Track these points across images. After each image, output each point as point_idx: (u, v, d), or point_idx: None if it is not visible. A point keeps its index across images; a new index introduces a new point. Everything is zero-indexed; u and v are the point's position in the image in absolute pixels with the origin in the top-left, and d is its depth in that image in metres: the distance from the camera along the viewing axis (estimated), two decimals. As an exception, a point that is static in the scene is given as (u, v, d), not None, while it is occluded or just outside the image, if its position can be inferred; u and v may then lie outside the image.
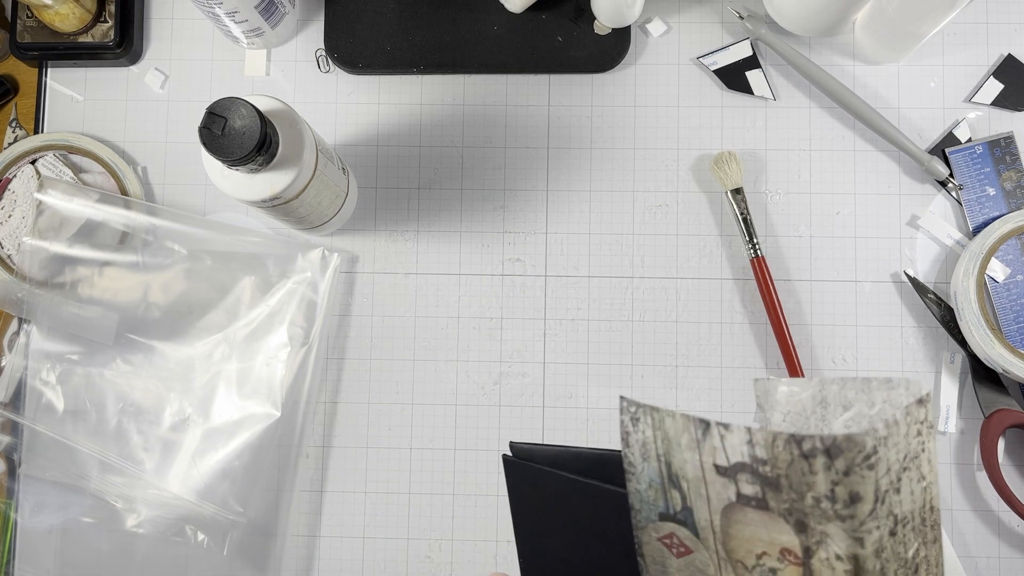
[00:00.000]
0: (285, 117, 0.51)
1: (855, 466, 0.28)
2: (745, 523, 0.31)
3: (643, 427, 0.33)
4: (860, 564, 0.29)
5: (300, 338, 0.61)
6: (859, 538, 0.29)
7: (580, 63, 0.63)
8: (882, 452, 0.28)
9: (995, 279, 0.60)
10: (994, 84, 0.63)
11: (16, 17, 0.64)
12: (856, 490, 0.28)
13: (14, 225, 0.63)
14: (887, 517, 0.29)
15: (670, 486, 0.33)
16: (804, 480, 0.29)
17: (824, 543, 0.29)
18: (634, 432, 0.33)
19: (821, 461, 0.28)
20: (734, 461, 0.31)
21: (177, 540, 0.60)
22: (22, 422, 0.61)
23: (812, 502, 0.29)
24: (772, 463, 0.29)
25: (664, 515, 0.33)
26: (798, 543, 0.30)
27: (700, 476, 0.32)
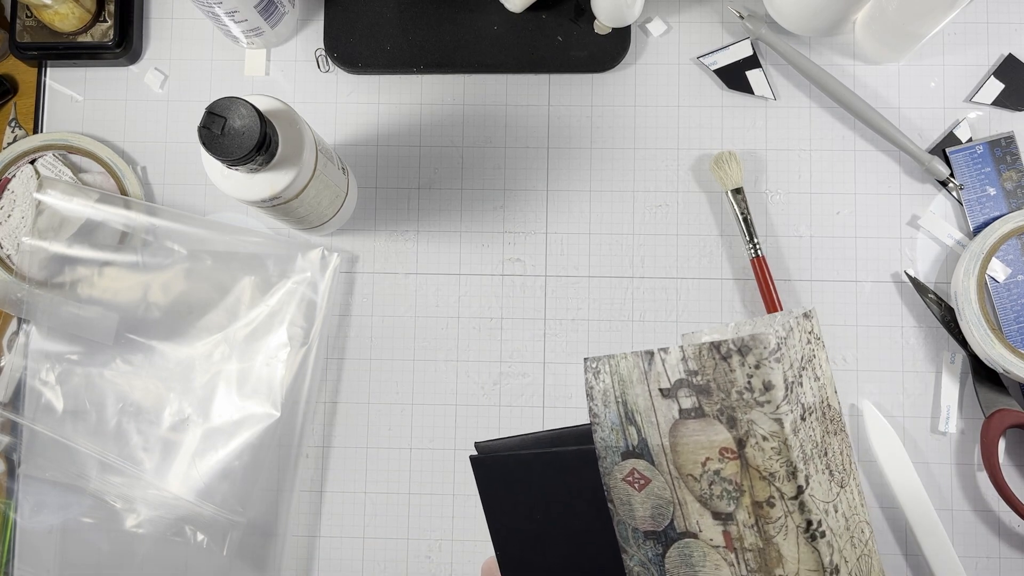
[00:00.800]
0: (285, 117, 0.51)
1: (763, 360, 0.33)
2: (688, 435, 0.36)
3: (603, 376, 0.38)
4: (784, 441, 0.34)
5: (300, 338, 0.61)
6: (778, 419, 0.34)
7: (580, 63, 0.63)
8: (784, 350, 0.34)
9: (996, 279, 0.60)
10: (994, 84, 0.63)
11: (16, 17, 0.64)
12: (768, 379, 0.34)
13: (13, 225, 0.63)
14: (796, 404, 0.35)
15: (627, 423, 0.37)
16: (727, 379, 0.34)
17: (751, 430, 0.34)
18: (596, 384, 0.38)
19: (736, 359, 0.34)
20: (674, 380, 0.36)
21: (177, 540, 0.60)
22: (22, 422, 0.61)
23: (736, 396, 0.34)
24: (701, 372, 0.35)
25: (625, 453, 0.37)
26: (731, 438, 0.35)
27: (650, 405, 0.36)
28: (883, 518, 0.60)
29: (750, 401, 0.34)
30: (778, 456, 0.34)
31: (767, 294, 0.61)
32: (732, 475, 0.35)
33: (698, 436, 0.35)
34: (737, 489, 0.35)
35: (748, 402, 0.34)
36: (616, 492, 0.38)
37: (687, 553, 0.37)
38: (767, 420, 0.34)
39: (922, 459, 0.61)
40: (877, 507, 0.60)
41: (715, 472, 0.35)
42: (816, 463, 0.35)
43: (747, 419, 0.34)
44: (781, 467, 0.34)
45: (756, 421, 0.34)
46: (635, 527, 0.38)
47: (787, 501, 0.34)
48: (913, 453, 0.60)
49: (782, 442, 0.34)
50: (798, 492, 0.34)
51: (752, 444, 0.35)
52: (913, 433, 0.61)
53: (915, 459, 0.60)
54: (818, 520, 0.35)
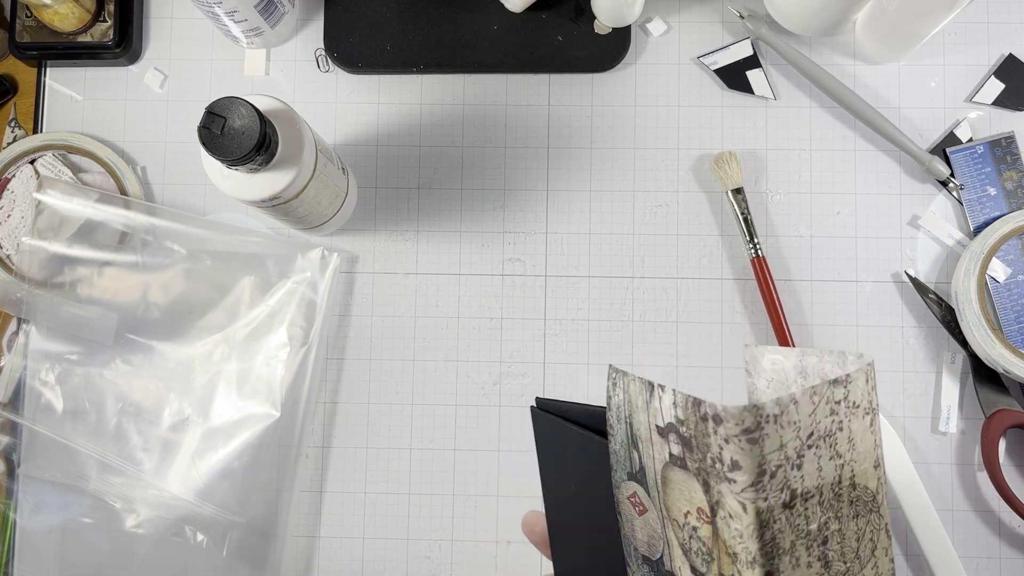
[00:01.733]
0: (285, 117, 0.51)
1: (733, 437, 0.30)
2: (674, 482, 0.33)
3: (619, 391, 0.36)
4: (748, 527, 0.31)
5: (300, 338, 0.61)
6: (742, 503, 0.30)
7: (580, 63, 0.63)
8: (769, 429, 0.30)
9: (996, 279, 0.60)
10: (995, 84, 0.63)
11: (15, 17, 0.64)
12: (736, 459, 0.30)
13: (13, 225, 0.63)
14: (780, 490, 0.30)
15: (632, 447, 0.36)
16: (705, 441, 0.31)
17: (721, 502, 0.31)
18: (613, 396, 0.36)
19: (711, 425, 0.30)
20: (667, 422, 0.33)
21: (176, 540, 0.60)
22: (21, 422, 0.61)
23: (710, 462, 0.31)
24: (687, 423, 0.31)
25: (630, 475, 0.36)
26: (707, 502, 0.32)
27: (649, 438, 0.34)
28: (883, 518, 0.60)
29: (720, 473, 0.31)
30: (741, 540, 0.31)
31: (767, 294, 0.61)
32: (706, 538, 0.33)
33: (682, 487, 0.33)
34: (708, 554, 0.33)
35: (719, 472, 0.31)
36: (623, 507, 0.37)
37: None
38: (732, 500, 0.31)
39: (922, 459, 0.61)
40: (877, 507, 0.60)
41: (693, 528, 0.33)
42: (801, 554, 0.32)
43: (717, 490, 0.31)
44: (742, 552, 0.31)
45: (724, 495, 0.31)
46: (635, 547, 0.37)
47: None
48: (913, 453, 0.60)
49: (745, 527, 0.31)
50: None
51: (721, 516, 0.32)
52: (913, 433, 0.61)
53: (915, 459, 0.60)
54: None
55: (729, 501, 0.31)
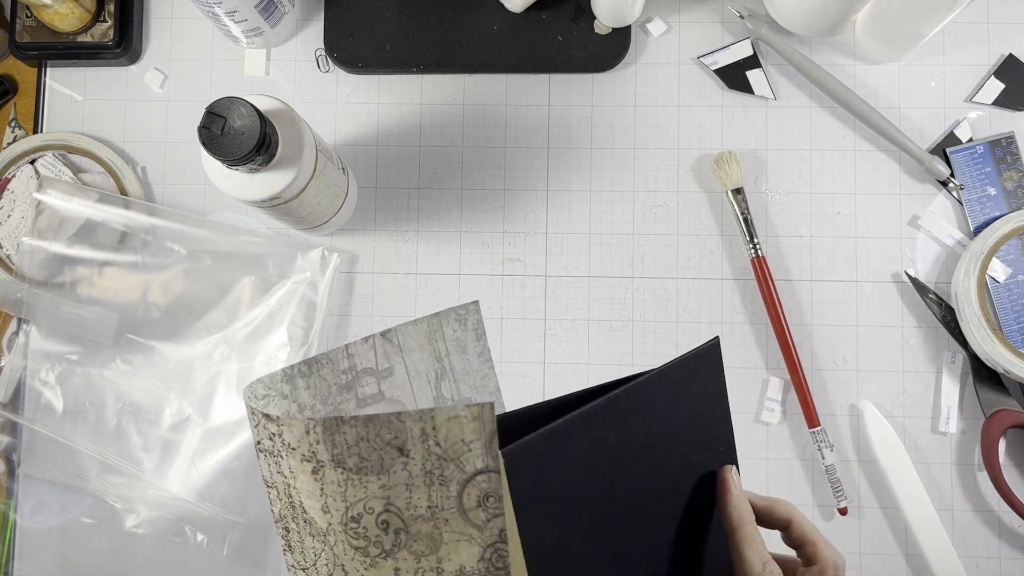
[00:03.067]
0: (285, 117, 0.51)
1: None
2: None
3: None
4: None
5: (300, 338, 0.61)
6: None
7: (580, 63, 0.63)
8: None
9: (996, 279, 0.60)
10: (995, 84, 0.63)
11: (15, 17, 0.64)
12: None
13: (13, 225, 0.63)
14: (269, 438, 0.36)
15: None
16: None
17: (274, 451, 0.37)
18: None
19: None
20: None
21: (176, 540, 0.60)
22: (22, 422, 0.61)
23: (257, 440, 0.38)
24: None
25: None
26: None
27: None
28: (883, 518, 0.60)
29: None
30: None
31: (767, 294, 0.61)
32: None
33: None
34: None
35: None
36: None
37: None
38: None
39: (922, 459, 0.61)
40: (877, 507, 0.60)
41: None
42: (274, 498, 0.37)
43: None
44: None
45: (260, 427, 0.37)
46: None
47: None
48: (913, 453, 0.60)
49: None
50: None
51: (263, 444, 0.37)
52: (913, 433, 0.61)
53: (915, 459, 0.60)
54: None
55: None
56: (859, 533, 0.60)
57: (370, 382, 0.42)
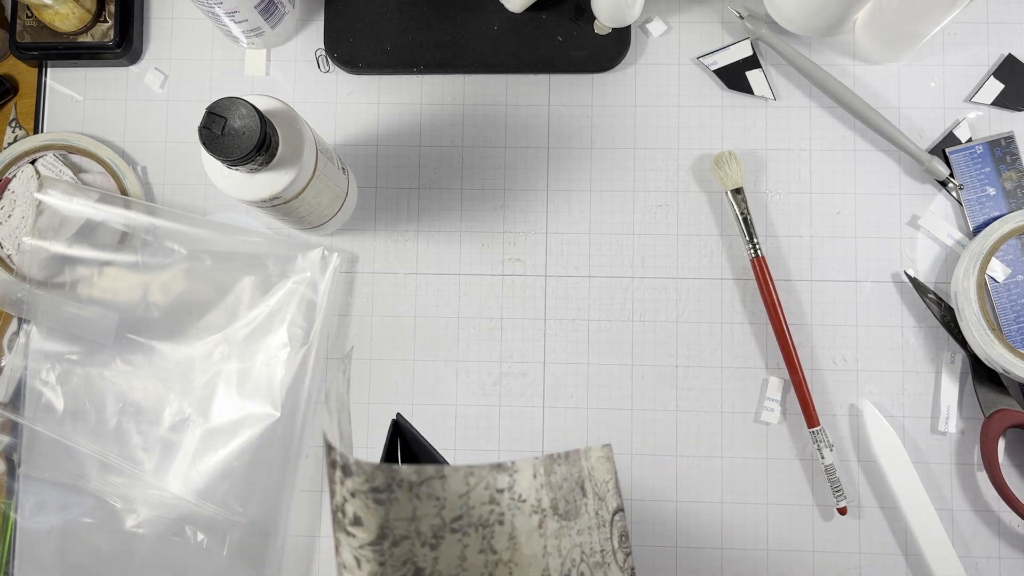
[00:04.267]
0: (285, 117, 0.51)
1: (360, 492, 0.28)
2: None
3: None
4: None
5: (300, 338, 0.61)
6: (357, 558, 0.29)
7: (580, 63, 0.63)
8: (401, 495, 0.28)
9: (995, 279, 0.60)
10: (994, 84, 0.63)
11: (16, 17, 0.64)
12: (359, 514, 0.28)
13: (14, 225, 0.63)
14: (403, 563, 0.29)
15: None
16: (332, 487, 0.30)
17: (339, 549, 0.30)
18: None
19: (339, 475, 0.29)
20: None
21: (177, 540, 0.60)
22: (22, 422, 0.61)
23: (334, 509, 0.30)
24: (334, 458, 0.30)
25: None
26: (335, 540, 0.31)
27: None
28: (883, 518, 0.60)
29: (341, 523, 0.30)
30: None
31: (767, 294, 0.61)
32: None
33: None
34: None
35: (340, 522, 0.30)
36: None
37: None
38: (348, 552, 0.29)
39: (922, 459, 0.61)
40: (877, 507, 0.60)
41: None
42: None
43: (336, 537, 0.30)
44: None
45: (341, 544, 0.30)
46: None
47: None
48: (913, 453, 0.60)
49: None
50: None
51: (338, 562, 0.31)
52: (913, 433, 0.61)
53: (915, 459, 0.60)
54: None
55: (345, 552, 0.29)
56: (859, 533, 0.60)
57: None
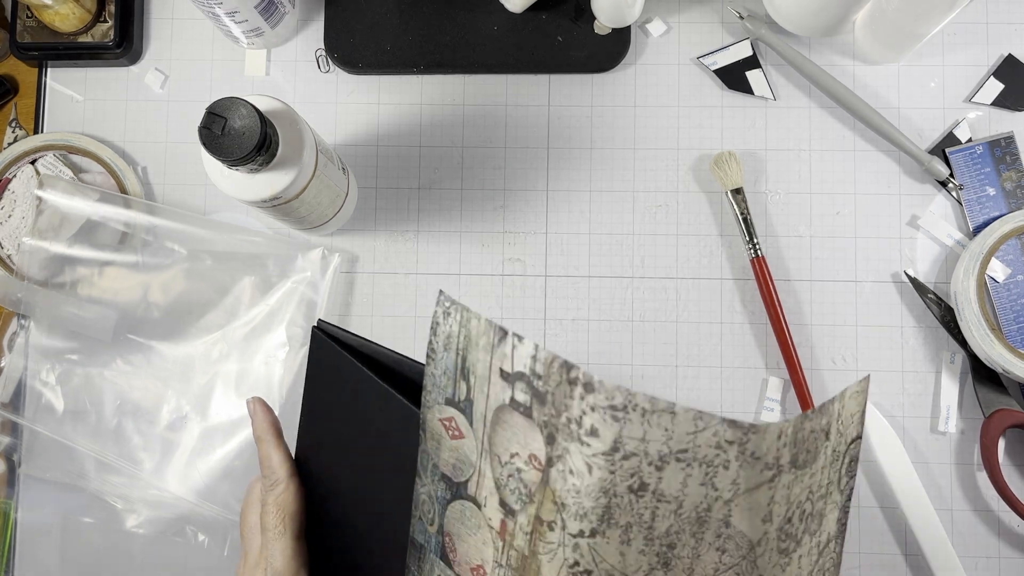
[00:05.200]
0: (285, 117, 0.51)
1: (600, 408, 0.32)
2: (509, 425, 0.36)
3: (452, 321, 0.37)
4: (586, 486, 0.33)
5: (300, 338, 0.61)
6: (590, 464, 0.33)
7: (580, 63, 0.63)
8: (634, 417, 0.32)
9: (995, 279, 0.60)
10: (994, 84, 0.63)
11: (16, 17, 0.64)
12: (596, 427, 0.32)
13: (14, 225, 0.63)
14: (631, 475, 0.33)
15: (460, 377, 0.37)
16: (564, 401, 0.33)
17: (563, 458, 0.33)
18: (443, 324, 0.37)
19: (579, 391, 0.32)
20: (517, 370, 0.35)
21: (177, 540, 0.60)
22: (22, 422, 0.61)
23: (565, 421, 0.33)
24: (545, 379, 0.34)
25: (449, 400, 0.38)
26: (545, 452, 0.34)
27: (487, 376, 0.36)
28: (883, 518, 0.60)
29: (574, 433, 0.33)
30: (576, 494, 0.34)
31: (767, 294, 0.61)
32: (529, 481, 0.35)
33: (517, 432, 0.35)
34: (529, 496, 0.36)
35: (573, 433, 0.33)
36: (431, 426, 0.39)
37: (466, 514, 0.38)
38: (580, 460, 0.33)
39: (922, 459, 0.61)
40: (877, 507, 0.60)
41: (517, 469, 0.36)
42: (636, 538, 0.34)
43: (563, 446, 0.33)
44: (574, 505, 0.34)
45: (571, 453, 0.33)
46: (436, 464, 0.39)
47: (567, 534, 0.34)
48: (913, 453, 0.60)
49: (585, 485, 0.33)
50: (580, 534, 0.34)
51: (558, 469, 0.34)
52: (913, 433, 0.61)
53: (915, 459, 0.60)
54: (587, 569, 0.34)
55: (575, 459, 0.33)
56: (859, 533, 0.60)
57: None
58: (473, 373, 0.37)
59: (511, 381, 0.35)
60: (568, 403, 0.33)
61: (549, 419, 0.34)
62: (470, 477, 0.38)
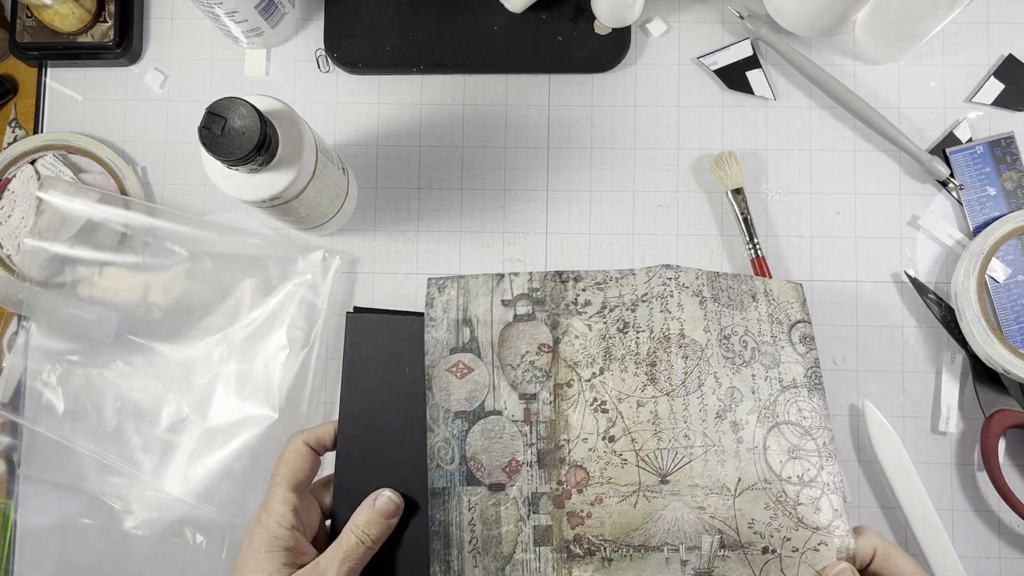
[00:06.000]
0: (285, 117, 0.51)
1: (588, 286, 0.51)
2: (516, 334, 0.50)
3: (448, 291, 0.51)
4: (589, 340, 0.50)
5: (301, 340, 0.61)
6: (589, 324, 0.50)
7: (580, 63, 0.63)
8: (611, 284, 0.51)
9: (996, 279, 0.60)
10: (994, 84, 0.63)
11: (16, 17, 0.64)
12: (589, 299, 0.50)
13: (14, 225, 0.63)
14: (616, 322, 0.50)
15: (463, 325, 0.50)
16: (560, 295, 0.51)
17: (568, 331, 0.50)
18: (440, 296, 0.51)
19: (571, 283, 0.51)
20: (517, 293, 0.50)
21: (176, 542, 0.60)
22: (22, 423, 0.61)
23: (564, 306, 0.50)
24: (542, 289, 0.51)
25: (454, 349, 0.50)
26: (551, 337, 0.50)
27: (488, 310, 0.50)
28: (883, 518, 0.60)
29: (572, 310, 0.50)
30: (583, 349, 0.49)
31: (767, 294, 0.61)
32: (543, 364, 0.49)
33: (524, 335, 0.50)
34: (545, 374, 0.49)
35: (570, 310, 0.50)
36: (437, 381, 0.49)
37: (488, 427, 0.48)
38: (580, 324, 0.50)
39: (922, 459, 0.61)
40: (877, 507, 0.60)
41: (531, 362, 0.49)
42: (629, 365, 0.49)
43: (567, 323, 0.50)
44: (584, 357, 0.49)
45: (572, 325, 0.50)
46: (447, 408, 0.49)
47: (583, 382, 0.49)
48: (913, 453, 0.60)
49: (588, 339, 0.49)
50: (592, 376, 0.49)
51: (566, 341, 0.49)
52: (913, 433, 0.61)
53: (915, 459, 0.60)
54: (603, 400, 0.48)
55: (577, 325, 0.50)
56: (859, 533, 0.60)
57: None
58: (475, 316, 0.50)
59: (511, 304, 0.50)
60: (564, 294, 0.50)
61: (550, 312, 0.50)
62: (485, 396, 0.49)
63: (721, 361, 0.49)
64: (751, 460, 0.48)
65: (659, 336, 0.49)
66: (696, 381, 0.49)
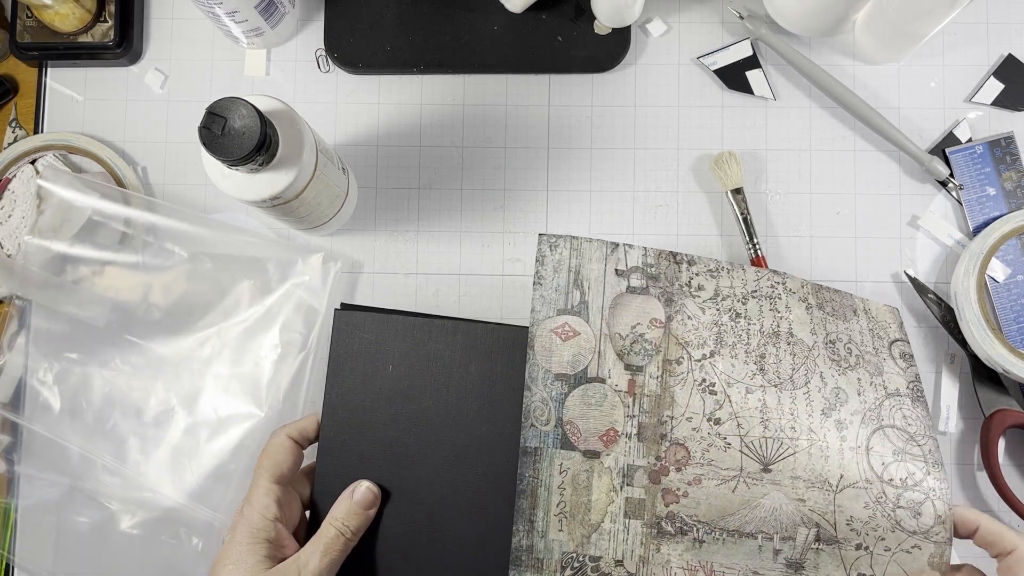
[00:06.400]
0: (285, 117, 0.51)
1: (701, 272, 0.52)
2: (628, 305, 0.50)
3: (560, 251, 0.50)
4: (703, 323, 0.50)
5: (299, 344, 0.61)
6: (702, 308, 0.51)
7: (580, 63, 0.63)
8: (723, 275, 0.52)
9: (995, 279, 0.60)
10: (994, 84, 0.63)
11: (16, 17, 0.64)
12: (702, 284, 0.52)
13: (14, 225, 0.63)
14: (729, 310, 0.51)
15: (574, 288, 0.50)
16: (675, 275, 0.51)
17: (681, 310, 0.50)
18: (551, 254, 0.50)
19: (684, 265, 0.52)
20: (632, 265, 0.51)
21: (172, 543, 0.60)
22: (21, 422, 0.61)
23: (678, 286, 0.51)
24: (656, 265, 0.51)
25: (562, 310, 0.50)
26: (664, 313, 0.50)
27: (601, 278, 0.50)
28: (883, 518, 0.60)
29: (686, 292, 0.51)
30: (696, 330, 0.50)
31: (767, 294, 0.61)
32: (653, 338, 0.49)
33: (637, 307, 0.50)
34: (655, 348, 0.49)
35: (684, 291, 0.51)
36: (540, 341, 0.49)
37: (589, 393, 0.48)
38: (694, 307, 0.50)
39: (922, 459, 0.61)
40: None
41: (640, 335, 0.49)
42: (739, 353, 0.50)
43: (681, 303, 0.50)
44: (695, 338, 0.50)
45: (687, 306, 0.50)
46: (548, 369, 0.49)
47: (693, 362, 0.49)
48: (913, 453, 0.60)
49: (701, 322, 0.50)
50: (703, 358, 0.49)
51: (679, 320, 0.50)
52: (913, 433, 0.61)
53: (915, 459, 0.60)
54: (712, 382, 0.49)
55: (691, 307, 0.50)
56: (859, 533, 0.60)
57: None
58: (586, 280, 0.50)
59: (626, 275, 0.50)
60: (678, 275, 0.51)
61: (664, 289, 0.50)
62: (589, 362, 0.49)
63: (827, 362, 0.51)
64: (854, 459, 0.48)
65: (769, 332, 0.51)
66: (803, 377, 0.50)
